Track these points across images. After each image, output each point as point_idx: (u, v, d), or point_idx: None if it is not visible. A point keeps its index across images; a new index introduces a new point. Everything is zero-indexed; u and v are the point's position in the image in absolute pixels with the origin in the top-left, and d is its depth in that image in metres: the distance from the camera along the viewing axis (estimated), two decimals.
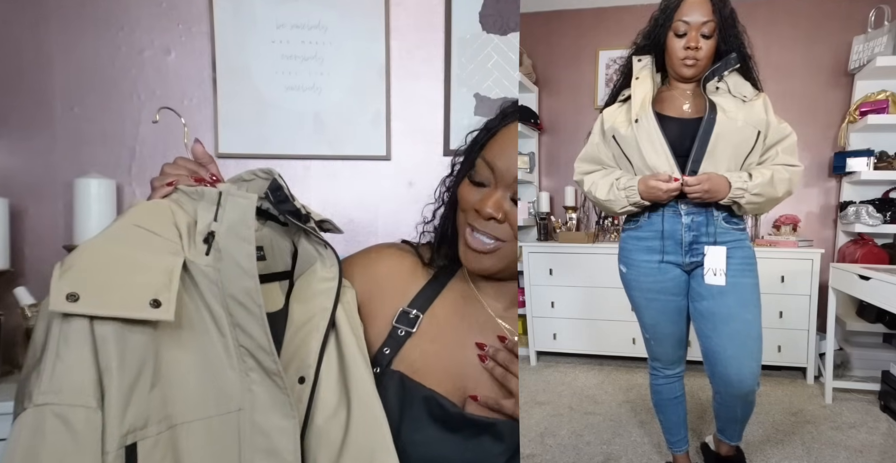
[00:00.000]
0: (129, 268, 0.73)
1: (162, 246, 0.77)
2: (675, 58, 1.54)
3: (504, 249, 0.91)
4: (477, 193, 0.91)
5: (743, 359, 1.51)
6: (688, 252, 1.55)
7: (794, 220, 3.05)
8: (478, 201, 0.90)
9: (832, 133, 3.11)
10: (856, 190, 3.04)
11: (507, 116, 0.95)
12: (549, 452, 2.09)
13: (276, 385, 0.80)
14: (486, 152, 0.92)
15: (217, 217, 0.79)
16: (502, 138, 0.92)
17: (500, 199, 0.89)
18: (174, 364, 0.76)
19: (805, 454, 2.03)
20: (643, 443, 2.14)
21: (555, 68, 3.58)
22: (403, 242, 1.08)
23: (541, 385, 2.81)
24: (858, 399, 2.55)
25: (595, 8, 3.47)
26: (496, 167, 0.90)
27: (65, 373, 0.68)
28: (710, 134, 1.47)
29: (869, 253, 2.83)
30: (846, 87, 3.10)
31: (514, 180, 0.89)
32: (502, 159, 0.90)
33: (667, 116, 1.54)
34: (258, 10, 1.81)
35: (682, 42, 1.52)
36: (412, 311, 0.96)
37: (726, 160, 1.50)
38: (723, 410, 1.68)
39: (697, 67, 1.54)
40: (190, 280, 0.79)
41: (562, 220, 3.36)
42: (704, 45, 1.51)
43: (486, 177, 0.91)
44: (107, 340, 0.70)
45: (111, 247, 0.75)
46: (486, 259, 0.92)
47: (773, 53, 3.06)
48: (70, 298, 0.67)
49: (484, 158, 0.92)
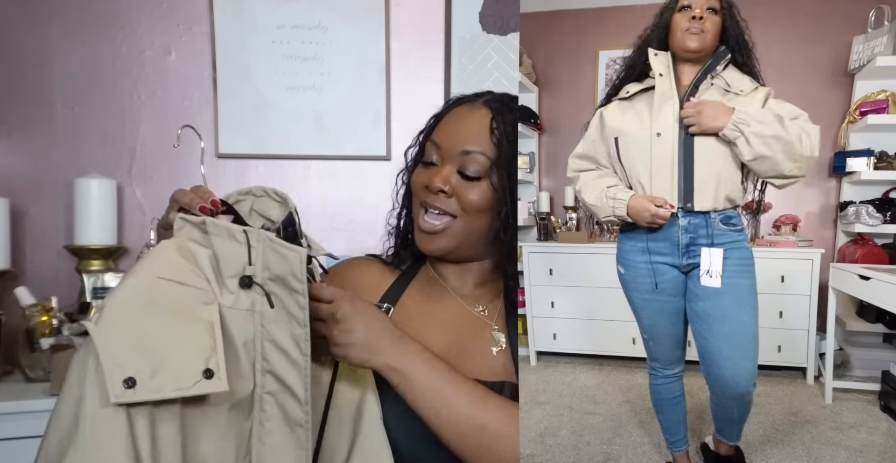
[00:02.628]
0: (171, 336, 0.67)
1: (195, 297, 0.72)
2: (680, 29, 1.52)
3: (454, 227, 0.94)
4: (427, 173, 0.96)
5: (738, 360, 1.50)
6: (685, 254, 1.55)
7: (794, 220, 3.05)
8: (426, 178, 0.95)
9: (832, 133, 3.11)
10: (856, 190, 3.04)
11: (451, 105, 1.01)
12: (549, 452, 2.09)
13: (294, 436, 0.75)
14: (433, 135, 0.98)
15: (252, 260, 0.75)
16: (448, 120, 0.98)
17: (447, 173, 0.93)
18: (202, 425, 0.70)
19: (805, 454, 2.03)
20: (643, 443, 2.14)
21: (555, 68, 3.58)
22: (369, 256, 1.12)
23: (541, 385, 2.81)
24: (858, 399, 2.55)
25: (595, 8, 3.48)
26: (441, 144, 0.95)
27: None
28: (692, 159, 1.47)
29: (869, 253, 2.83)
30: (846, 87, 3.10)
31: (462, 154, 0.93)
32: (447, 136, 0.95)
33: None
34: (258, 10, 1.81)
35: (687, 14, 1.51)
36: (383, 305, 0.99)
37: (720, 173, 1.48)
38: (720, 410, 1.68)
39: (703, 40, 1.50)
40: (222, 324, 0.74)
41: (562, 220, 3.36)
42: (709, 18, 1.51)
43: (434, 157, 0.96)
44: (139, 422, 0.64)
45: (145, 312, 0.68)
46: (438, 239, 0.95)
47: (773, 53, 3.05)
48: (127, 385, 0.61)
49: (431, 140, 0.97)
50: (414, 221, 0.99)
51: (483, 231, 0.95)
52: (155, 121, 1.82)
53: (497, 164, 0.92)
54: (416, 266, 1.07)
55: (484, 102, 0.96)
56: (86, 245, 1.66)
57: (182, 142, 1.85)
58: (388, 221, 1.09)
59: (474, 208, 0.93)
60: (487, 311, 1.00)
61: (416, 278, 1.05)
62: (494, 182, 0.92)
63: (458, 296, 1.01)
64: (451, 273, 1.03)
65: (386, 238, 1.10)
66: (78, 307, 1.59)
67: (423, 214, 0.96)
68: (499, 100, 0.97)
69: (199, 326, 0.69)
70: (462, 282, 1.02)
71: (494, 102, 0.96)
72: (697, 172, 1.48)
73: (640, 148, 1.52)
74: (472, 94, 1.01)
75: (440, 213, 0.94)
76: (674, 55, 1.57)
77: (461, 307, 1.00)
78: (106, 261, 1.69)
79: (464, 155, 0.93)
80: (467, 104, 0.98)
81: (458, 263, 1.02)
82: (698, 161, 1.48)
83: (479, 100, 0.98)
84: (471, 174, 0.92)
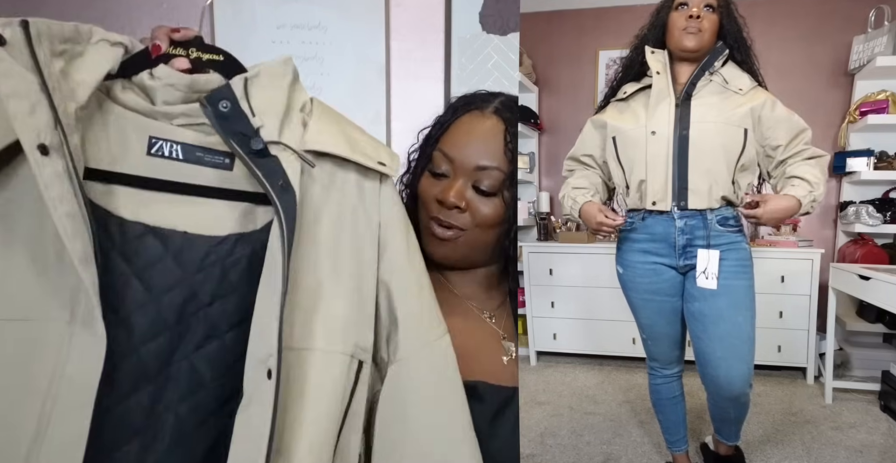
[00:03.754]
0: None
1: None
2: (677, 29, 1.52)
3: (464, 238, 0.94)
4: (438, 185, 0.94)
5: (732, 361, 1.51)
6: (682, 255, 1.55)
7: (794, 220, 3.05)
8: (439, 192, 0.93)
9: (832, 133, 3.11)
10: (856, 190, 3.04)
11: (457, 110, 0.99)
12: (549, 452, 2.09)
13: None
14: (441, 145, 0.96)
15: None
16: (456, 130, 0.96)
17: (461, 187, 0.92)
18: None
19: (805, 454, 2.03)
20: (643, 443, 2.14)
21: (555, 68, 3.58)
22: None
23: (541, 385, 2.81)
24: (858, 399, 2.55)
25: (595, 8, 3.47)
26: (454, 158, 0.93)
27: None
28: (686, 157, 1.48)
29: (869, 253, 2.83)
30: (846, 87, 3.10)
31: (475, 170, 0.92)
32: (458, 150, 0.94)
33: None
34: (258, 10, 1.81)
35: (684, 13, 1.51)
36: None
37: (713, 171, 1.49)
38: (716, 411, 1.69)
39: (700, 39, 1.50)
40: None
41: (561, 220, 3.37)
42: (707, 17, 1.50)
43: (445, 168, 0.94)
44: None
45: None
46: (448, 247, 0.94)
47: (773, 53, 3.05)
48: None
49: (441, 151, 0.95)
50: (422, 228, 0.98)
51: (491, 242, 0.95)
52: None
53: (510, 178, 0.91)
54: None
55: (494, 111, 0.95)
56: None
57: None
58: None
59: (487, 223, 0.93)
60: (495, 318, 1.00)
61: None
62: (507, 198, 0.92)
63: (465, 301, 1.00)
64: (457, 278, 1.02)
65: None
66: None
67: (434, 224, 0.94)
68: (507, 108, 0.96)
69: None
70: (468, 287, 1.02)
71: (504, 111, 0.95)
72: (692, 171, 1.48)
73: (636, 147, 1.53)
74: (478, 97, 0.99)
75: (451, 226, 0.93)
76: (670, 54, 1.57)
77: (470, 311, 0.99)
78: None
79: (479, 170, 0.92)
80: (477, 112, 0.96)
81: (463, 270, 1.01)
82: (693, 160, 1.48)
83: (488, 107, 0.96)
84: (486, 190, 0.92)
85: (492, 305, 1.01)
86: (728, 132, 1.48)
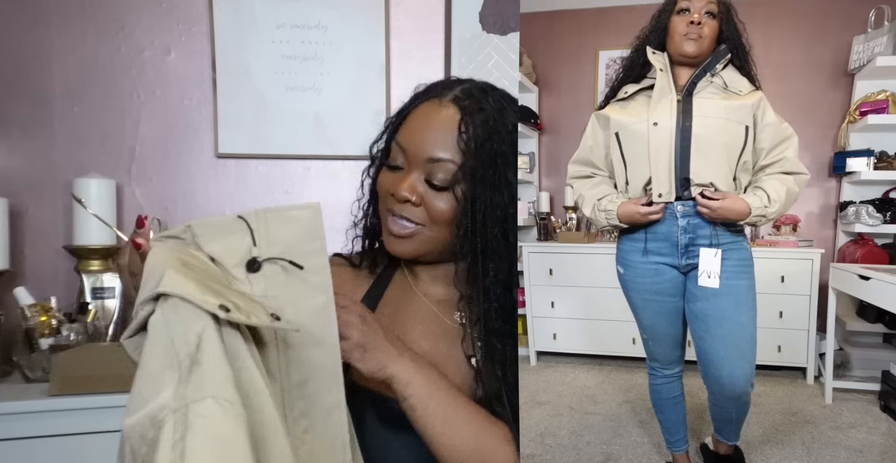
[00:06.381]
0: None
1: (221, 275, 0.67)
2: (678, 34, 1.53)
3: (423, 234, 0.88)
4: (393, 178, 0.89)
5: (735, 361, 1.51)
6: (684, 254, 1.55)
7: (794, 220, 3.05)
8: (392, 185, 0.88)
9: (832, 133, 3.11)
10: (856, 190, 3.04)
11: (416, 98, 0.93)
12: (549, 452, 2.08)
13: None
14: (398, 136, 0.90)
15: (255, 241, 0.69)
16: (412, 120, 0.90)
17: (413, 181, 0.86)
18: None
19: (805, 454, 2.03)
20: (643, 443, 2.14)
21: (555, 68, 3.58)
22: (335, 256, 1.03)
23: (541, 385, 2.81)
24: (858, 399, 2.55)
25: (595, 8, 3.47)
26: (407, 149, 0.87)
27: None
28: (688, 147, 1.48)
29: (869, 253, 2.83)
30: (846, 87, 3.10)
31: (429, 162, 0.85)
32: (411, 141, 0.87)
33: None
34: (258, 10, 1.81)
35: (686, 18, 1.52)
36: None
37: (714, 164, 1.49)
38: (717, 410, 1.69)
39: (700, 45, 1.52)
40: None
41: (562, 221, 3.36)
42: (707, 23, 1.51)
43: (400, 161, 0.89)
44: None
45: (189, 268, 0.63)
46: (406, 243, 0.89)
47: (773, 53, 3.06)
48: (224, 310, 0.58)
49: (397, 142, 0.89)
50: (381, 221, 0.93)
51: (451, 238, 0.88)
52: (154, 121, 1.82)
53: (467, 171, 0.84)
54: (391, 270, 1.00)
55: (452, 99, 0.87)
56: (85, 245, 1.65)
57: (181, 142, 1.85)
58: (350, 212, 1.01)
59: (442, 219, 0.86)
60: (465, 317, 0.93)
61: (393, 281, 0.99)
62: (458, 193, 0.85)
63: (433, 302, 0.95)
64: (425, 275, 0.97)
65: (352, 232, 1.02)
66: (77, 308, 1.58)
67: (390, 218, 0.89)
68: (469, 95, 0.88)
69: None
70: (438, 285, 0.96)
71: (464, 99, 0.87)
72: (694, 162, 1.49)
73: (638, 140, 1.53)
74: (440, 84, 0.92)
75: (408, 221, 0.88)
76: (670, 57, 1.58)
77: (438, 317, 0.94)
78: (105, 261, 1.69)
79: (432, 163, 0.85)
80: (435, 100, 0.89)
81: (431, 264, 0.95)
82: (695, 151, 1.48)
83: (448, 95, 0.88)
84: (438, 184, 0.85)
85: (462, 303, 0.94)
86: (729, 129, 1.49)
